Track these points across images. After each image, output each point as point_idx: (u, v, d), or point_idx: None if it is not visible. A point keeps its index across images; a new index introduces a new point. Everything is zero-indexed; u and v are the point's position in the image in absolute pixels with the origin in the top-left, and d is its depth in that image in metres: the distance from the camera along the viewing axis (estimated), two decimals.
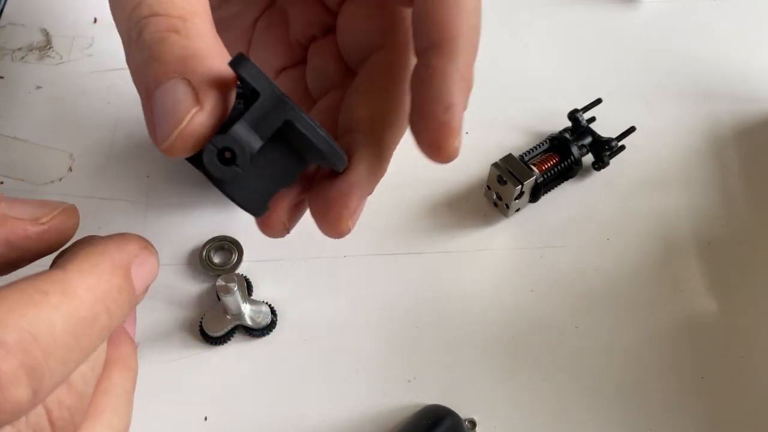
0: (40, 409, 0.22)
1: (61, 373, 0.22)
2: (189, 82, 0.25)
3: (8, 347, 0.20)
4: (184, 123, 0.24)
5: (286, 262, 0.45)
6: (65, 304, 0.22)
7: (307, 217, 0.47)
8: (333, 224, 0.30)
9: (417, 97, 0.29)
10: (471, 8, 0.28)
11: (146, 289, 0.26)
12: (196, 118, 0.25)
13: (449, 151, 0.29)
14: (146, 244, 0.26)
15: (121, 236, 0.25)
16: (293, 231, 0.46)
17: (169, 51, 0.25)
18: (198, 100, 0.25)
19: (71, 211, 0.26)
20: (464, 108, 0.28)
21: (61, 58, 0.53)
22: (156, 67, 0.25)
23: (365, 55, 0.33)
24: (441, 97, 0.27)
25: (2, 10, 0.56)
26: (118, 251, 0.24)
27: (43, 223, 0.25)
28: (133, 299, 0.25)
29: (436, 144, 0.28)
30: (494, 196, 0.46)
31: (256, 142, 0.25)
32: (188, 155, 0.25)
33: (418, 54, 0.29)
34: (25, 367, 0.20)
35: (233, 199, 0.26)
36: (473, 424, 0.40)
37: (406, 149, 0.49)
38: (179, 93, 0.25)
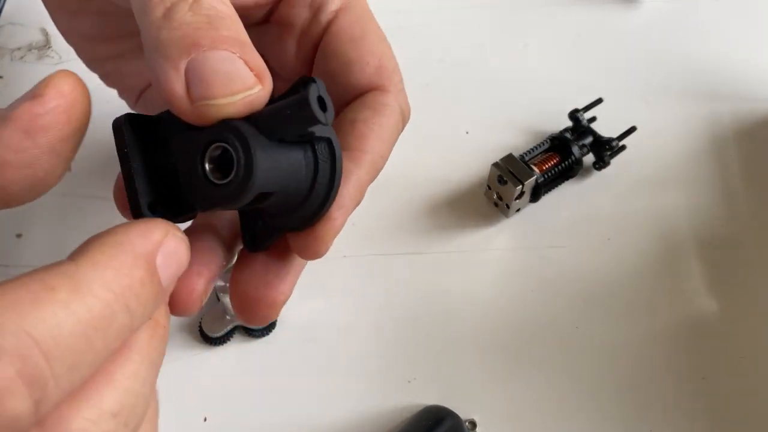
0: None
1: (70, 381, 0.19)
2: (246, 63, 0.24)
3: (4, 353, 0.17)
4: (254, 90, 0.24)
5: None
6: (75, 302, 0.19)
7: None
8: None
9: None
10: (387, 138, 0.30)
11: (174, 281, 0.23)
12: (261, 93, 0.24)
13: (318, 248, 0.28)
14: (173, 229, 0.23)
15: (143, 223, 0.22)
16: None
17: (227, 25, 0.25)
18: (261, 81, 0.24)
19: (62, 73, 0.23)
20: (348, 212, 0.28)
21: (61, 57, 0.53)
22: (213, 34, 0.24)
23: None
24: (337, 196, 0.27)
25: (1, 10, 0.56)
26: (140, 239, 0.22)
27: (41, 94, 0.22)
28: (160, 293, 0.22)
29: (311, 236, 0.27)
30: (495, 196, 0.46)
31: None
32: (218, 120, 0.24)
33: None
34: (25, 376, 0.18)
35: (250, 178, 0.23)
36: (473, 424, 0.40)
37: (405, 149, 0.50)
38: (241, 66, 0.24)
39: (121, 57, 0.37)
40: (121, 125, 0.24)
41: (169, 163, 0.25)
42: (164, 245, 0.22)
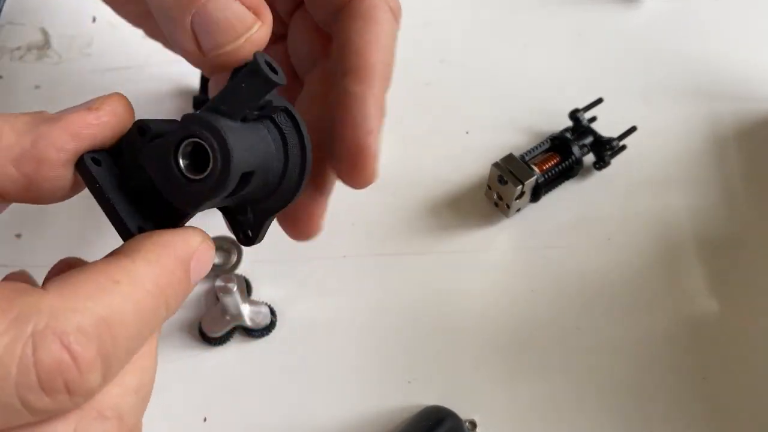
0: None
1: (124, 362, 0.22)
2: (242, 2, 0.26)
3: (88, 334, 0.20)
4: (254, 30, 0.26)
5: (286, 263, 0.45)
6: (134, 295, 0.22)
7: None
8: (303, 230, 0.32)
9: (337, 122, 0.30)
10: (385, 44, 0.30)
11: (196, 284, 0.26)
12: (263, 29, 0.26)
13: (368, 174, 0.30)
14: (206, 237, 0.26)
15: (185, 230, 0.25)
16: None
17: None
18: (259, 17, 0.26)
19: (118, 95, 0.25)
20: (379, 131, 0.30)
21: (60, 57, 0.53)
22: None
23: (310, 66, 0.34)
24: (361, 122, 0.29)
25: (1, 10, 0.55)
26: (182, 244, 0.24)
27: (97, 108, 0.24)
28: (188, 292, 0.25)
29: (357, 168, 0.30)
30: (495, 196, 0.46)
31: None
32: (238, 65, 0.26)
33: (337, 80, 0.30)
34: (101, 354, 0.20)
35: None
36: (473, 425, 0.40)
37: (406, 149, 0.50)
38: (239, 8, 0.26)
39: None
40: (84, 164, 0.24)
41: (144, 181, 0.25)
42: (198, 251, 0.25)
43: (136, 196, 0.25)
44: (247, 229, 0.28)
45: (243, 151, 0.23)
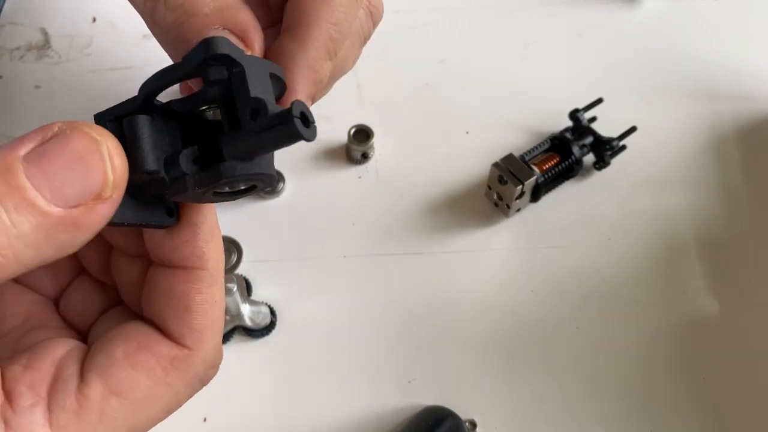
0: None
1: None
2: (231, 32, 0.26)
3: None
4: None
5: (286, 263, 0.45)
6: None
7: (307, 220, 0.47)
8: None
9: None
10: (336, 14, 0.29)
11: None
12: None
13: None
14: None
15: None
16: (293, 231, 0.46)
17: (202, 4, 0.26)
18: (247, 45, 0.26)
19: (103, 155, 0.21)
20: (308, 98, 0.28)
21: (60, 57, 0.53)
22: (195, 21, 0.26)
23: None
24: (287, 83, 0.27)
25: (1, 9, 0.55)
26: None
27: (106, 198, 0.21)
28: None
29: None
30: (495, 196, 0.46)
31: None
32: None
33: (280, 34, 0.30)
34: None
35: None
36: (473, 425, 0.40)
37: (405, 149, 0.50)
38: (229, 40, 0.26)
39: None
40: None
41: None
42: None
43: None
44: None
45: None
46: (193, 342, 0.25)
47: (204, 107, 0.24)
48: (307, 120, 0.22)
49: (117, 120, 0.23)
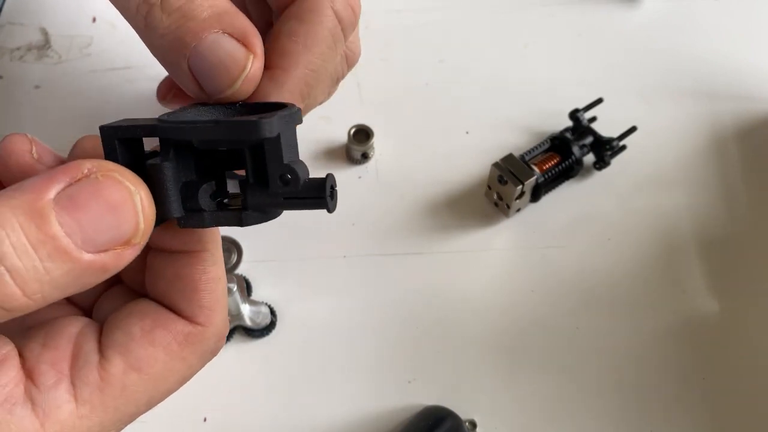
0: None
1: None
2: (231, 36, 0.26)
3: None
4: (248, 69, 0.26)
5: (286, 263, 0.45)
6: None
7: (307, 220, 0.47)
8: None
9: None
10: (318, 51, 0.30)
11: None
12: (255, 63, 0.26)
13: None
14: None
15: None
16: (293, 231, 0.46)
17: (200, 8, 0.26)
18: (250, 50, 0.26)
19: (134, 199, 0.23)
20: None
21: (60, 57, 0.53)
22: (193, 25, 0.26)
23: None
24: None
25: (1, 9, 0.55)
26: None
27: (135, 243, 0.22)
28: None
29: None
30: (495, 196, 0.46)
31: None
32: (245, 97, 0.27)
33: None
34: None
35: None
36: (473, 425, 0.40)
37: (405, 149, 0.50)
38: (229, 44, 0.26)
39: None
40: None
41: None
42: None
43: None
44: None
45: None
46: (205, 318, 0.26)
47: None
48: (333, 192, 0.24)
49: (126, 142, 0.24)
